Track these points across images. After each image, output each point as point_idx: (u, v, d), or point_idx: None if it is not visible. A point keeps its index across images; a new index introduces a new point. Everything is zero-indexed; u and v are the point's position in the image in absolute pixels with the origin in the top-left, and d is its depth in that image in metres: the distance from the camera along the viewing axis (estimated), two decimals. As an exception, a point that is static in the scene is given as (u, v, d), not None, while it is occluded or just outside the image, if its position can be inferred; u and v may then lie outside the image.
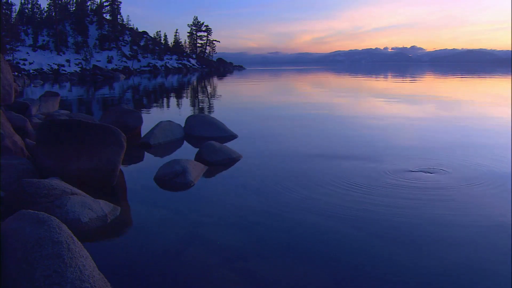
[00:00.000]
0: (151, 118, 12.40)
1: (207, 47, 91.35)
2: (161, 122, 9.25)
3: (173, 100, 21.15)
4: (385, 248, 3.81)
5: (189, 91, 28.22)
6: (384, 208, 4.79)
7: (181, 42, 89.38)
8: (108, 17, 79.30)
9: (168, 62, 78.33)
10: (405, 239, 4.01)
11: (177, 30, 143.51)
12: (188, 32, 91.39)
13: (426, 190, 5.40)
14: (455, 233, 4.12)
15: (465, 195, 5.23)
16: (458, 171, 6.31)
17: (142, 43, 78.24)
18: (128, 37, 78.03)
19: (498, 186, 5.62)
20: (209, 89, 29.67)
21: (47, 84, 36.18)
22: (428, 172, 6.22)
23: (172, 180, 5.81)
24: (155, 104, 19.16)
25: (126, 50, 74.47)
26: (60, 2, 72.69)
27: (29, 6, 72.71)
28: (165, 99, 21.84)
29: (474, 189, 5.49)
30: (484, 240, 3.97)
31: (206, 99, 21.07)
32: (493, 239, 3.98)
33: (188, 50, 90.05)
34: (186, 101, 20.58)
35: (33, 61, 57.52)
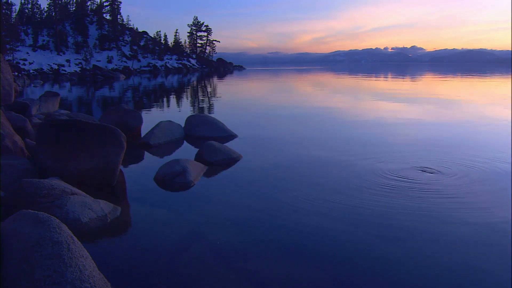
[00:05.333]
0: (151, 118, 12.40)
1: (207, 47, 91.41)
2: (161, 122, 9.25)
3: (173, 100, 21.15)
4: (385, 248, 3.81)
5: (189, 91, 28.21)
6: (385, 208, 4.79)
7: (181, 42, 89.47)
8: (108, 17, 79.34)
9: (168, 62, 78.33)
10: (405, 238, 4.00)
11: (177, 30, 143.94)
12: (188, 32, 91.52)
13: (427, 190, 5.39)
14: (455, 233, 4.12)
15: (466, 195, 5.22)
16: (458, 170, 6.31)
17: (142, 43, 78.26)
18: (128, 37, 78.02)
19: (498, 185, 5.62)
20: (209, 89, 29.67)
21: (47, 84, 36.19)
22: (429, 172, 6.22)
23: (172, 180, 5.81)
24: (155, 104, 19.16)
25: (126, 50, 74.47)
26: (60, 2, 72.70)
27: (29, 6, 72.86)
28: (165, 99, 21.84)
29: (475, 188, 5.49)
30: (485, 239, 3.97)
31: (206, 99, 21.07)
32: (494, 238, 3.98)
33: (188, 50, 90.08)
34: (186, 101, 20.58)
35: (33, 61, 57.54)
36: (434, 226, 4.28)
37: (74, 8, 77.48)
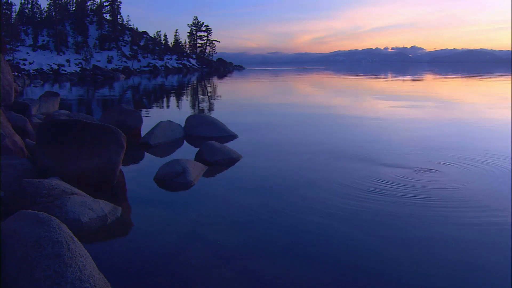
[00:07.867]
0: (151, 118, 12.40)
1: (207, 47, 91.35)
2: (161, 122, 9.25)
3: (173, 100, 21.15)
4: (385, 248, 3.81)
5: (189, 91, 28.21)
6: (385, 208, 4.79)
7: (181, 42, 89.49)
8: (108, 17, 79.29)
9: (168, 62, 78.30)
10: (405, 238, 4.01)
11: (177, 30, 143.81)
12: (188, 32, 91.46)
13: (427, 190, 5.39)
14: (455, 233, 4.12)
15: (466, 195, 5.22)
16: (459, 170, 6.31)
17: (142, 43, 78.21)
18: (128, 37, 78.01)
19: (498, 184, 5.62)
20: (209, 89, 29.67)
21: (47, 84, 36.17)
22: (429, 172, 6.22)
23: (172, 180, 5.81)
24: (155, 104, 19.16)
25: (126, 50, 74.44)
26: (60, 2, 72.68)
27: (29, 6, 72.84)
28: (165, 99, 21.84)
29: (476, 188, 5.49)
30: (485, 239, 3.97)
31: (206, 99, 21.07)
32: (494, 238, 3.98)
33: (188, 50, 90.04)
34: (186, 101, 20.58)
35: (33, 61, 57.50)
36: (434, 226, 4.28)
37: (74, 8, 77.42)
